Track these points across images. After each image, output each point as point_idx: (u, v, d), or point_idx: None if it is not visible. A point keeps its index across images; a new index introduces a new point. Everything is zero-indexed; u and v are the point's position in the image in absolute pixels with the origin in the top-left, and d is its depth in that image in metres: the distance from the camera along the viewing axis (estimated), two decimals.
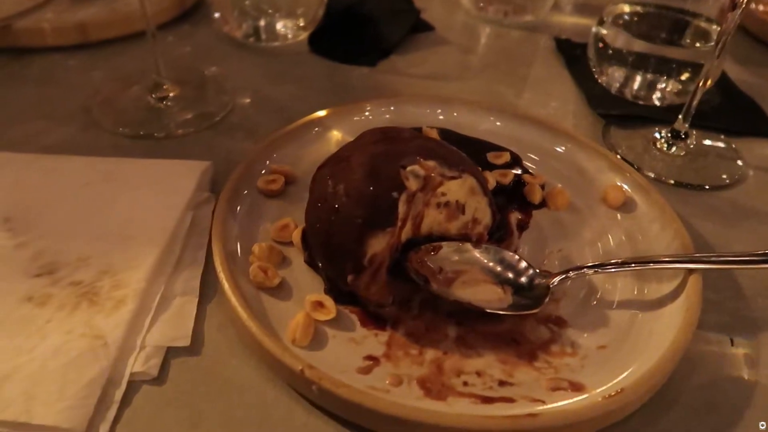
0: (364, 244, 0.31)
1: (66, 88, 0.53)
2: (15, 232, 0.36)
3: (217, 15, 0.62)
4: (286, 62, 0.60)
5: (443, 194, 0.33)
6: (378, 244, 0.31)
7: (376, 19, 0.64)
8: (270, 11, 0.61)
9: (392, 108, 0.49)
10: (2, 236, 0.36)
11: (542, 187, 0.43)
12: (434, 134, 0.46)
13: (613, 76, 0.57)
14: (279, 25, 0.62)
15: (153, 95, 0.51)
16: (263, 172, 0.42)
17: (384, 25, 0.64)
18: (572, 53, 0.64)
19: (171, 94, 0.51)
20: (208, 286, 0.35)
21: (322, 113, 0.47)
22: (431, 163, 0.32)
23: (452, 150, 0.34)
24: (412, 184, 0.31)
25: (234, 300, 0.31)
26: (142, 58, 0.59)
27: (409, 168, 0.31)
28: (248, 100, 0.53)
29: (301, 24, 0.62)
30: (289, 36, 0.62)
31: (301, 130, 0.45)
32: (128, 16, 0.60)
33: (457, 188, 0.33)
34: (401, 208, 0.31)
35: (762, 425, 0.30)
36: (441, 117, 0.49)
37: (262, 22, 0.61)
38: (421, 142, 0.33)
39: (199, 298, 0.34)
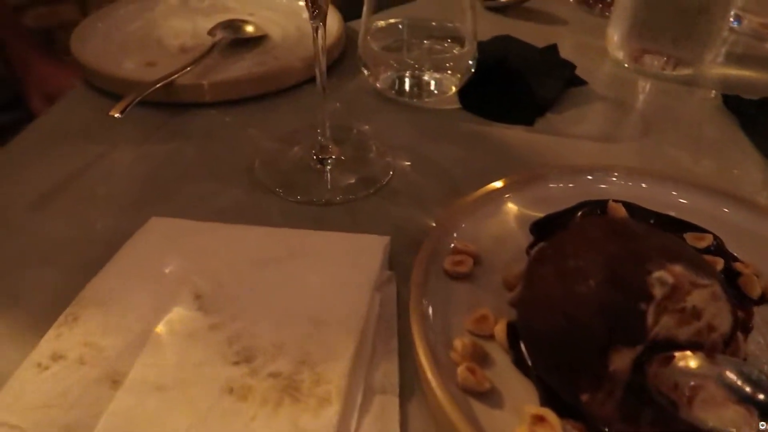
0: (606, 361, 0.27)
1: (226, 147, 0.53)
2: (207, 312, 0.35)
3: (364, 69, 0.61)
4: (438, 119, 0.58)
5: (683, 301, 0.29)
6: (621, 361, 0.28)
7: (528, 74, 0.61)
8: (417, 65, 0.60)
9: (570, 177, 0.46)
10: (196, 316, 0.35)
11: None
12: (621, 210, 0.43)
13: None
14: (428, 80, 0.60)
15: (315, 157, 0.50)
16: (448, 249, 0.39)
17: (538, 80, 0.61)
18: (746, 111, 0.59)
19: (333, 156, 0.50)
20: (404, 381, 0.33)
21: (498, 184, 0.44)
22: (678, 269, 0.28)
23: (691, 249, 0.31)
24: (658, 293, 0.28)
25: (450, 410, 0.29)
26: (294, 114, 0.58)
27: (656, 274, 0.28)
28: (408, 163, 0.52)
29: (451, 79, 0.60)
30: (438, 91, 0.60)
31: (478, 202, 0.43)
32: (281, 72, 0.60)
33: (698, 293, 0.30)
34: (649, 320, 0.28)
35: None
36: (623, 188, 0.45)
37: (410, 77, 0.60)
38: (660, 240, 0.30)
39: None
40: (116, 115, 0.50)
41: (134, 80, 0.57)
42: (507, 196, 0.44)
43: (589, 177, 0.46)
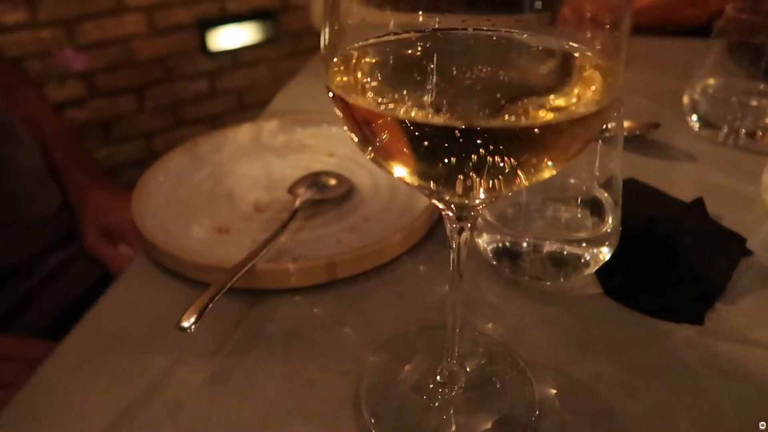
0: None
1: (320, 359, 0.42)
2: None
3: (476, 240, 0.51)
4: (578, 313, 0.46)
5: None
6: None
7: (685, 248, 0.49)
8: (541, 238, 0.49)
9: None
10: None
11: None
12: None
13: None
14: (557, 257, 0.49)
15: (436, 384, 0.39)
16: None
17: (700, 257, 0.49)
18: None
19: (462, 385, 0.39)
20: None
21: None
22: None
23: None
24: None
25: None
26: (397, 302, 0.47)
27: None
28: (553, 391, 0.40)
29: (585, 253, 0.49)
30: (570, 271, 0.49)
31: None
32: (380, 248, 0.50)
33: None
34: None
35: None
36: None
37: (533, 252, 0.49)
38: None
39: None
40: (187, 328, 0.40)
41: (205, 264, 0.48)
42: None
43: None
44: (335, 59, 0.28)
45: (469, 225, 0.32)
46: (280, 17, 2.31)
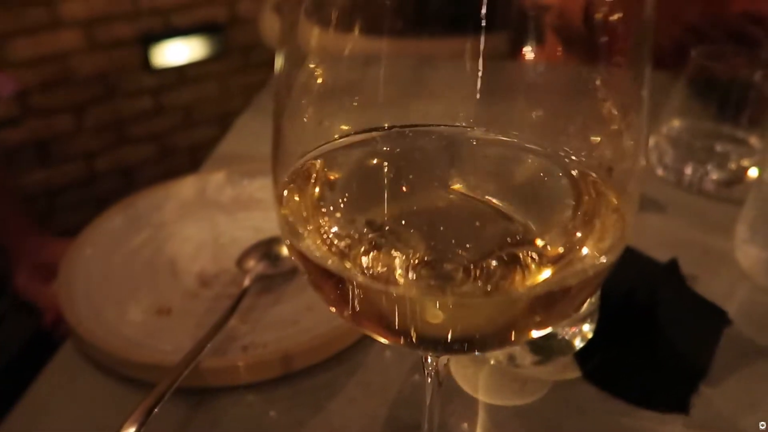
0: None
1: None
2: None
3: None
4: (557, 402, 0.43)
5: None
6: None
7: (665, 321, 0.47)
8: None
9: None
10: None
11: None
12: None
13: None
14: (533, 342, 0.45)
15: None
16: None
17: (681, 332, 0.46)
18: None
19: None
20: None
21: None
22: None
23: None
24: None
25: None
26: (364, 397, 0.43)
27: None
28: None
29: (564, 332, 0.45)
30: (545, 353, 0.45)
31: None
32: (340, 334, 0.45)
33: None
34: None
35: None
36: None
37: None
38: None
39: None
40: None
41: (142, 362, 0.42)
42: None
43: None
44: (285, 178, 0.23)
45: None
46: (228, 31, 2.22)
